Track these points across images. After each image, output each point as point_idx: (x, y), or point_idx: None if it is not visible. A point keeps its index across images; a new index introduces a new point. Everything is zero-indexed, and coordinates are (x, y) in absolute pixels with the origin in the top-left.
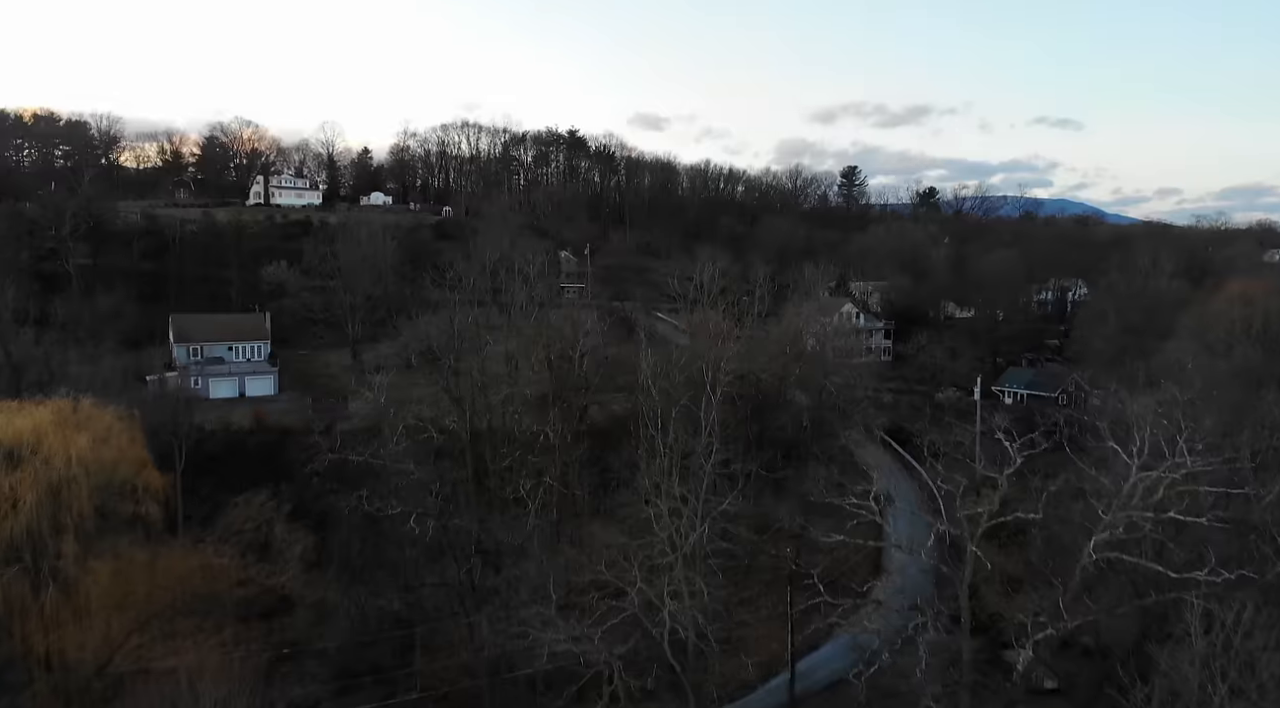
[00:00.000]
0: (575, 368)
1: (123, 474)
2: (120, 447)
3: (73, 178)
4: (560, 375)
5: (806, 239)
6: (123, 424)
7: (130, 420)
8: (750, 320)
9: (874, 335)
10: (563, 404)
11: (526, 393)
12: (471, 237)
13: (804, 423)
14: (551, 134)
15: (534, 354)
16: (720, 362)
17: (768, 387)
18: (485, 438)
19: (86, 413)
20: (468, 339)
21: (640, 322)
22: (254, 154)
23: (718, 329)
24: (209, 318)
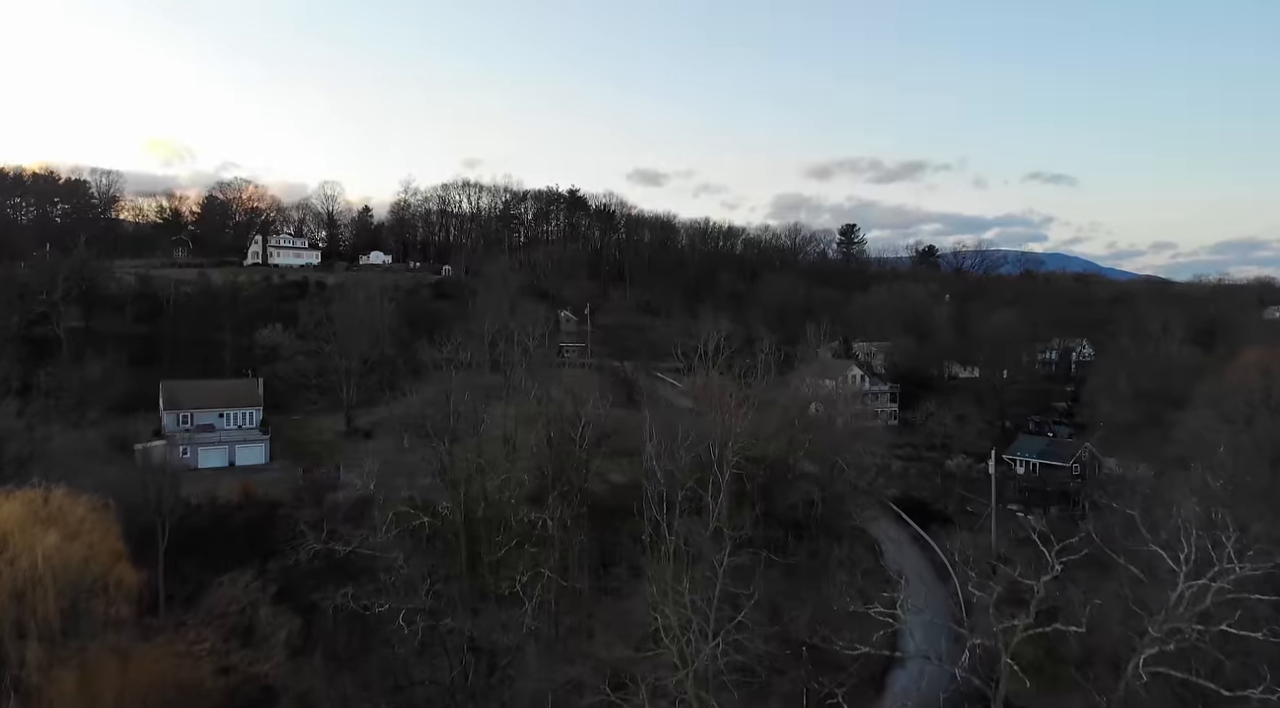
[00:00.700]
0: (577, 447)
1: (94, 571)
2: (92, 541)
3: (69, 239)
4: (560, 456)
5: (806, 297)
6: (97, 515)
7: (104, 511)
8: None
9: (879, 399)
10: (563, 487)
11: (524, 478)
12: (471, 297)
13: (815, 501)
14: (552, 193)
15: (533, 433)
16: (728, 441)
17: (776, 461)
18: (480, 525)
19: (58, 504)
20: (464, 417)
21: (641, 383)
22: (253, 212)
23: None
24: (200, 384)
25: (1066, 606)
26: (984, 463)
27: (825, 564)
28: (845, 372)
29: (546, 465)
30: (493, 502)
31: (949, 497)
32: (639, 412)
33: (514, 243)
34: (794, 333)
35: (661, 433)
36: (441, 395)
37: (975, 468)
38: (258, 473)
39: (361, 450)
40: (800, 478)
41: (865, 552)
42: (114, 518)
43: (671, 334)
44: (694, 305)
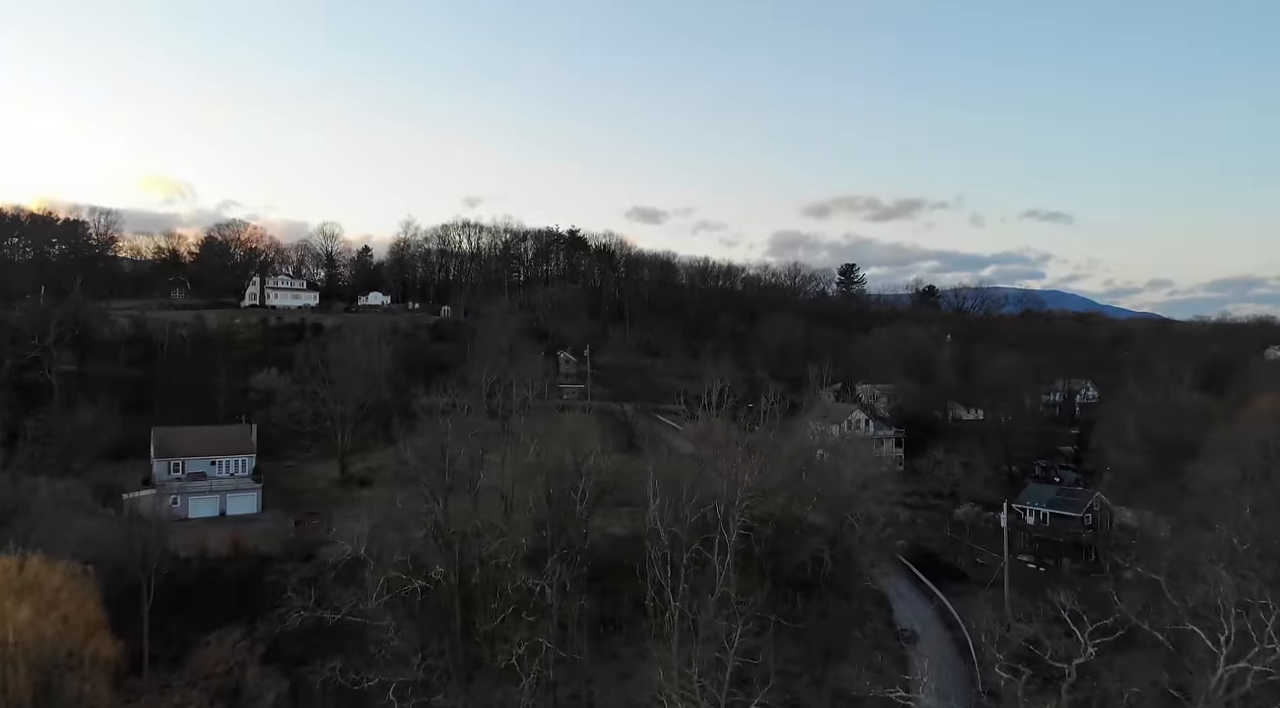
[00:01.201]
0: (577, 506)
1: (70, 644)
2: (69, 613)
3: (64, 280)
4: (560, 516)
5: (807, 338)
6: (75, 583)
7: (83, 578)
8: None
9: (884, 443)
10: (562, 548)
11: (522, 541)
12: (470, 339)
13: (825, 559)
14: (552, 233)
15: (532, 490)
16: (734, 499)
17: (783, 518)
18: (476, 590)
19: (34, 572)
20: (460, 473)
21: (641, 426)
22: (252, 253)
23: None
24: (192, 431)
25: (1100, 694)
26: (993, 512)
27: (836, 625)
28: (849, 416)
29: (545, 527)
30: (489, 566)
31: (959, 548)
32: (640, 457)
33: (514, 282)
34: (796, 374)
35: (665, 488)
36: (436, 447)
37: (984, 516)
38: (249, 523)
39: (356, 500)
40: (808, 533)
41: (876, 609)
42: (93, 585)
43: (672, 375)
44: (694, 346)
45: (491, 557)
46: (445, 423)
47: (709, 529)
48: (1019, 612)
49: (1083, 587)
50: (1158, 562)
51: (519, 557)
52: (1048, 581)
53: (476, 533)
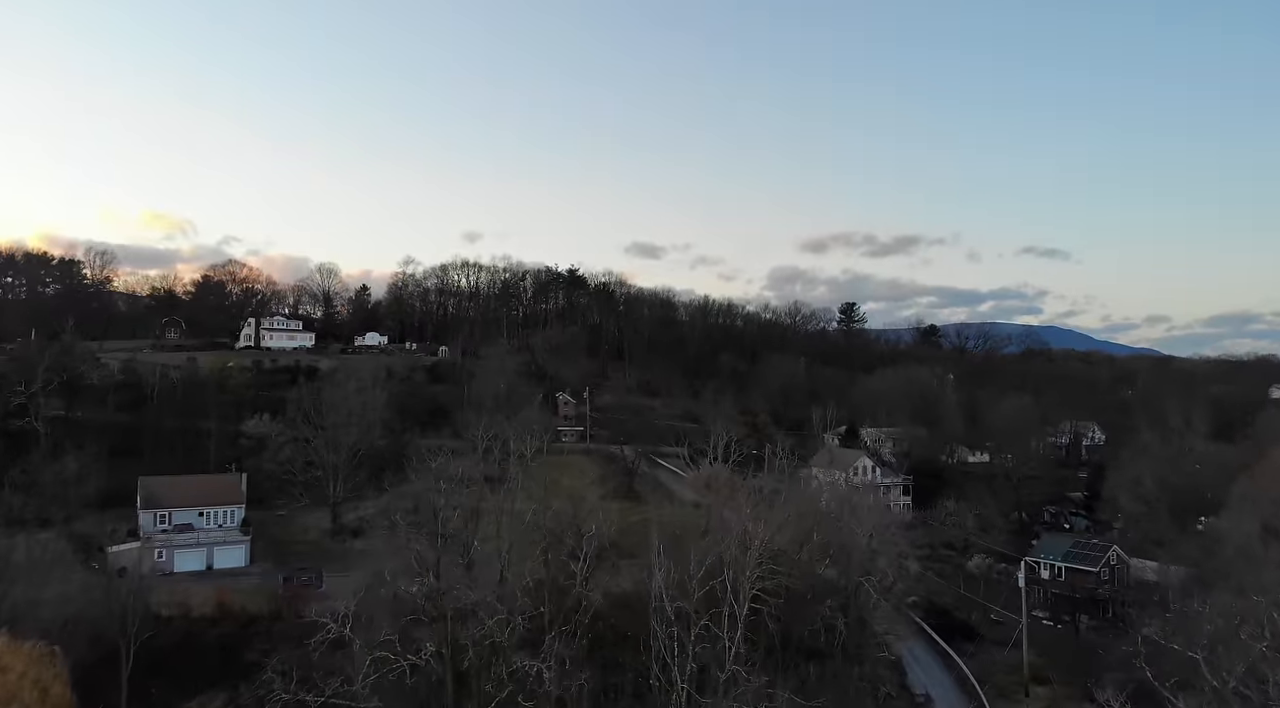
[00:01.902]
0: (577, 580)
1: None
2: (30, 702)
3: (57, 321)
4: (559, 591)
5: (809, 378)
6: (42, 663)
7: (49, 659)
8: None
9: (891, 491)
10: (560, 625)
11: (518, 620)
12: (468, 381)
13: (839, 627)
14: (551, 272)
15: (529, 561)
16: (744, 568)
17: (794, 586)
18: (470, 673)
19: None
20: (453, 539)
21: (642, 470)
22: (248, 293)
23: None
24: (179, 481)
25: None
26: (1005, 564)
27: (849, 694)
28: (856, 463)
29: (544, 601)
30: (482, 646)
31: (972, 604)
32: (641, 504)
33: (513, 320)
34: (798, 415)
35: (670, 545)
36: (428, 509)
37: (996, 569)
38: (237, 578)
39: (347, 552)
40: (820, 597)
41: (889, 672)
42: (61, 666)
43: (672, 416)
44: (695, 386)
45: (486, 636)
46: (439, 485)
47: (717, 599)
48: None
49: (1103, 647)
50: (1191, 631)
51: (515, 636)
52: (1066, 640)
53: (471, 611)
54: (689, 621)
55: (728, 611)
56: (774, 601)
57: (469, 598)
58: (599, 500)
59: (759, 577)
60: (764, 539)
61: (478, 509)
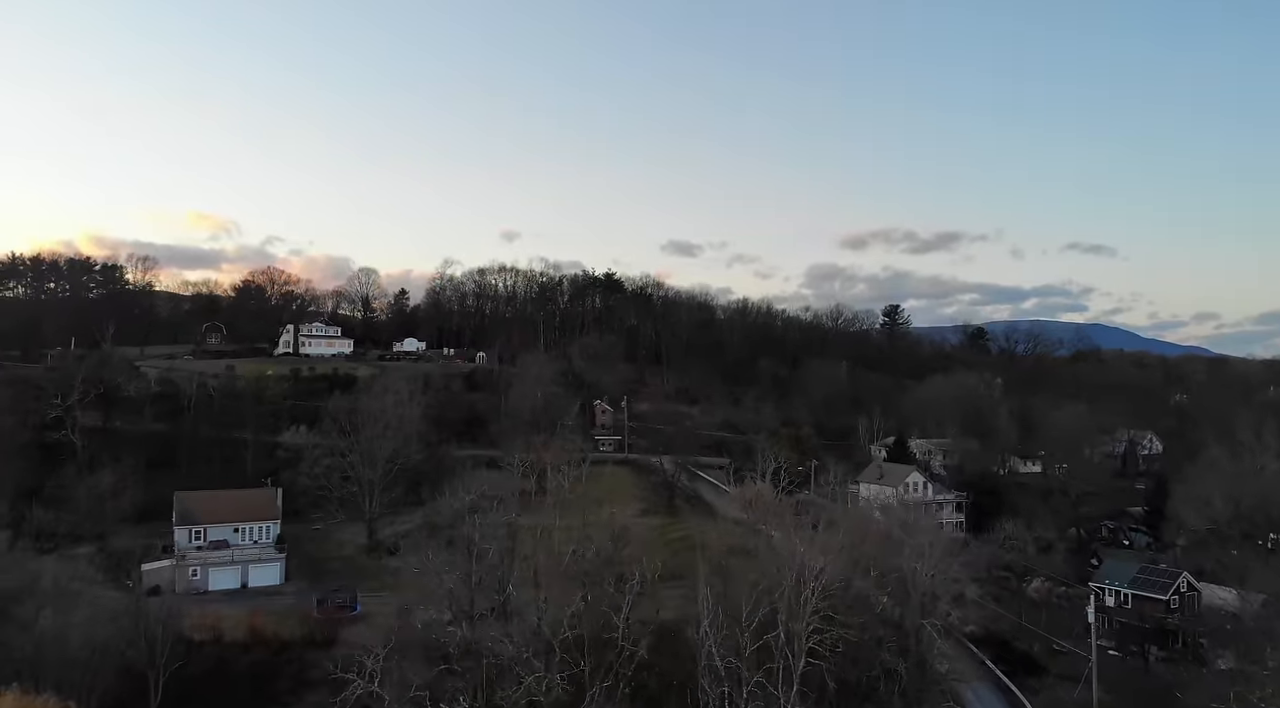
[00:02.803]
0: (620, 630)
1: None
2: None
3: (98, 327)
4: (598, 637)
5: (853, 384)
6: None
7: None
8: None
9: (944, 508)
10: (602, 680)
11: (557, 679)
12: (505, 390)
13: (899, 673)
14: (587, 276)
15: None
16: (800, 616)
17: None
18: None
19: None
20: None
21: (682, 483)
22: (288, 297)
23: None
24: (215, 496)
25: None
26: (1065, 587)
27: None
28: (907, 478)
29: (584, 656)
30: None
31: (1033, 633)
32: (681, 520)
33: (549, 323)
34: (842, 424)
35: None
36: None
37: (1056, 593)
38: (271, 597)
39: (382, 570)
40: (877, 639)
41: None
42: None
43: (712, 425)
44: (734, 392)
45: (523, 695)
46: (474, 523)
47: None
48: None
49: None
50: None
51: (554, 694)
52: (1134, 674)
53: (508, 666)
54: (739, 677)
55: (781, 664)
56: (831, 654)
57: (506, 652)
58: (638, 515)
59: (814, 629)
60: (819, 585)
61: (514, 547)
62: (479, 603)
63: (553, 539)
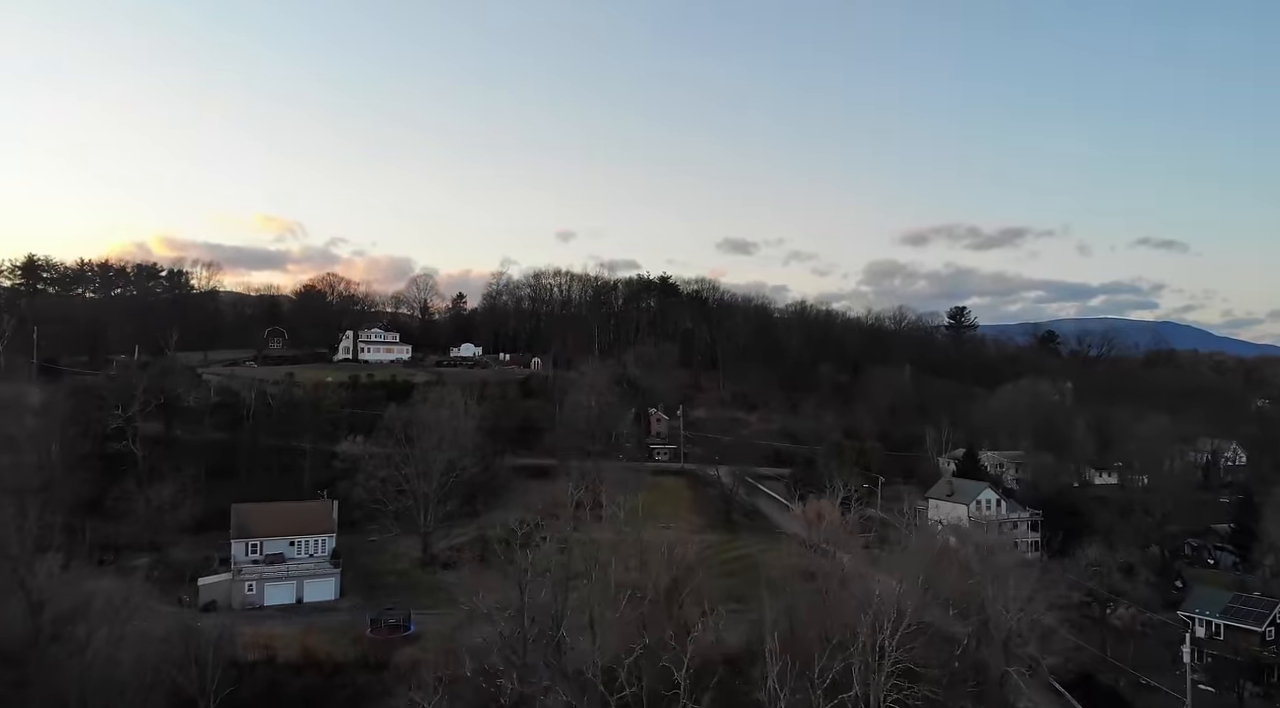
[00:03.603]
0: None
1: None
2: None
3: (163, 333)
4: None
5: (918, 391)
6: None
7: None
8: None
9: (1018, 526)
10: None
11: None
12: (560, 397)
13: None
14: (642, 280)
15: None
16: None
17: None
18: None
19: None
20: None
21: (741, 496)
22: (349, 302)
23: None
24: (271, 509)
25: None
26: (1149, 614)
27: None
28: (979, 495)
29: None
30: None
31: (1117, 666)
32: (739, 536)
33: (604, 327)
34: (907, 433)
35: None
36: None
37: (1142, 619)
38: (325, 614)
39: (437, 585)
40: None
41: None
42: None
43: (770, 432)
44: (793, 398)
45: None
46: (524, 559)
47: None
48: None
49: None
50: None
51: None
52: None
53: None
54: None
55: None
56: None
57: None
58: (694, 531)
59: (893, 683)
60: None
61: (567, 580)
62: (531, 652)
63: (608, 576)
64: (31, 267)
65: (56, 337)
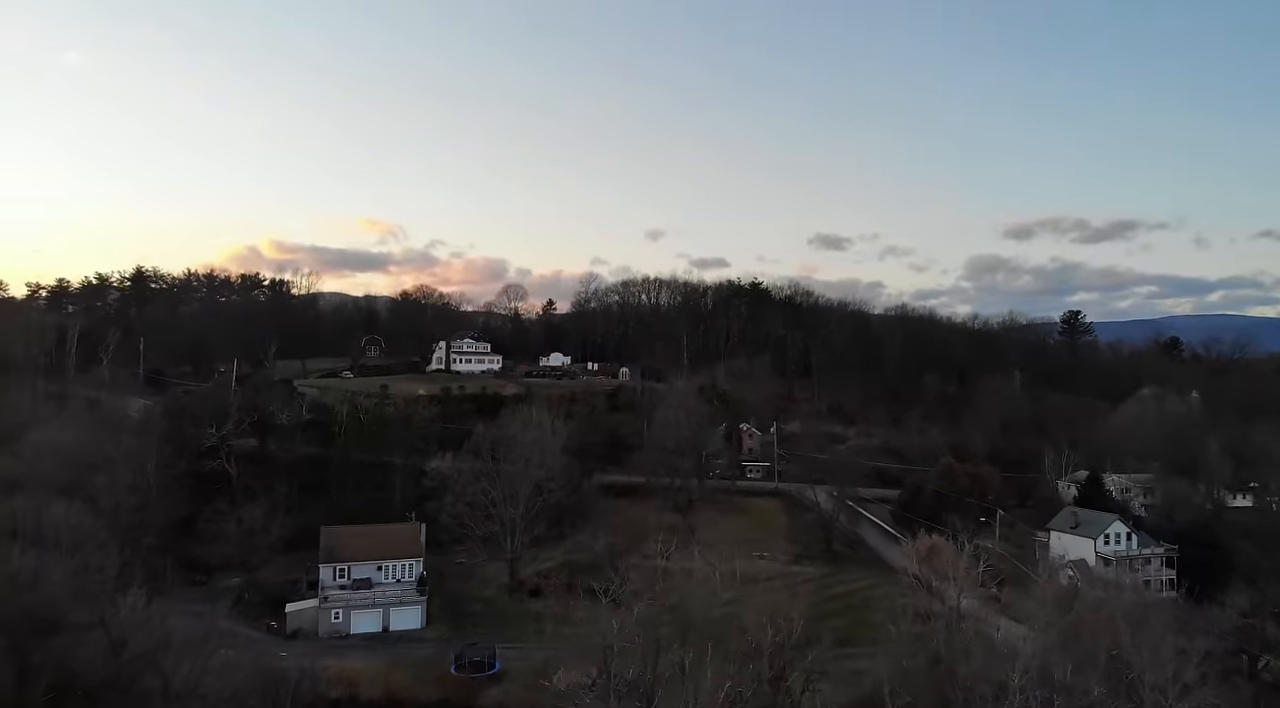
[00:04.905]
0: None
1: None
2: None
3: (261, 347)
4: None
5: (1034, 405)
6: None
7: None
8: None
9: (1151, 563)
10: None
11: None
12: (648, 412)
13: None
14: (732, 285)
15: None
16: None
17: None
18: None
19: None
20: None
21: (842, 522)
22: (444, 310)
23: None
24: (359, 532)
25: None
26: None
27: None
28: (1106, 528)
29: None
30: None
31: None
32: (842, 569)
33: (694, 333)
34: (1021, 452)
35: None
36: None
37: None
38: (410, 645)
39: (524, 615)
40: None
41: None
42: None
43: (871, 449)
44: (894, 410)
45: None
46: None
47: None
48: None
49: None
50: None
51: None
52: None
53: None
54: None
55: None
56: None
57: None
58: (790, 562)
59: None
60: None
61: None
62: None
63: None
64: (140, 278)
65: (163, 347)
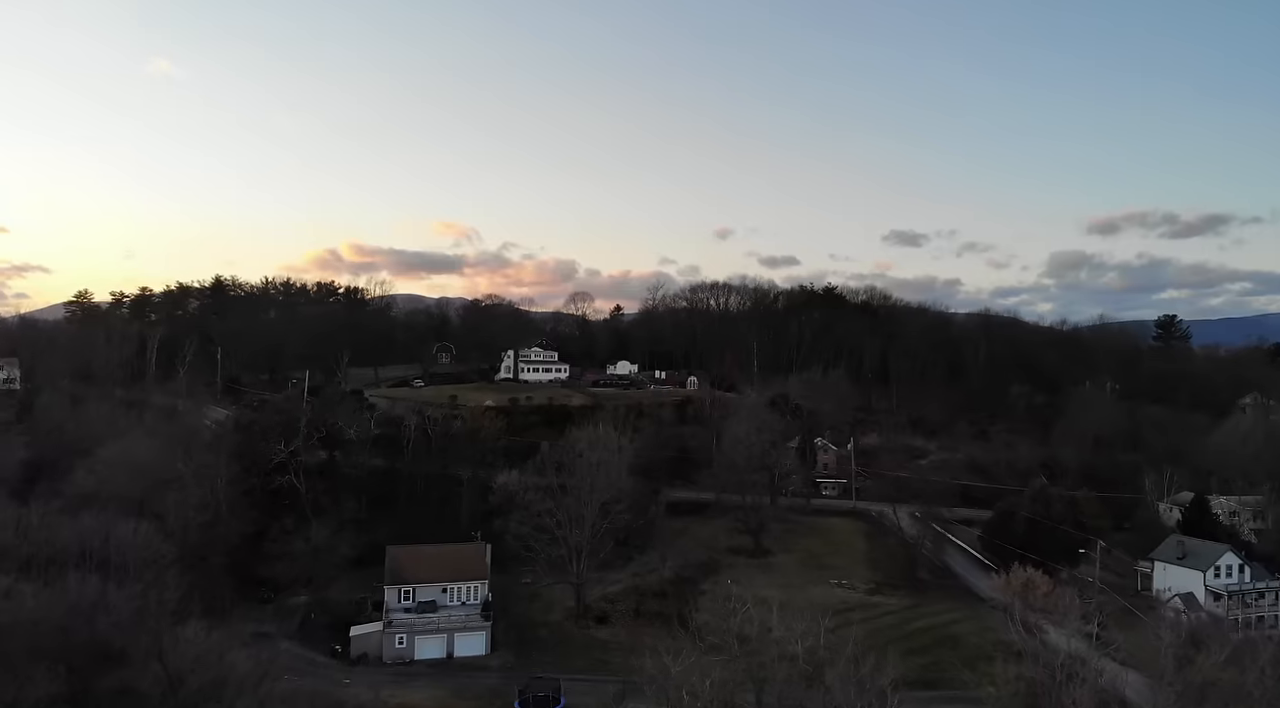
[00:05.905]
0: None
1: None
2: None
3: (334, 358)
4: None
5: (1130, 421)
6: None
7: None
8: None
9: (1265, 597)
10: None
11: None
12: (718, 424)
13: None
14: (805, 290)
15: None
16: None
17: None
18: None
19: None
20: None
21: (927, 545)
22: (514, 315)
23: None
24: (424, 552)
25: None
26: None
27: None
28: (1216, 560)
29: None
30: None
31: None
32: (926, 600)
33: (764, 339)
34: (1117, 469)
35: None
36: None
37: None
38: (474, 674)
39: (590, 643)
40: None
41: None
42: None
43: (955, 465)
44: (979, 422)
45: None
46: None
47: None
48: None
49: None
50: None
51: None
52: None
53: None
54: None
55: None
56: None
57: None
58: (870, 591)
59: None
60: None
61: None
62: None
63: None
64: (219, 286)
65: (240, 355)
